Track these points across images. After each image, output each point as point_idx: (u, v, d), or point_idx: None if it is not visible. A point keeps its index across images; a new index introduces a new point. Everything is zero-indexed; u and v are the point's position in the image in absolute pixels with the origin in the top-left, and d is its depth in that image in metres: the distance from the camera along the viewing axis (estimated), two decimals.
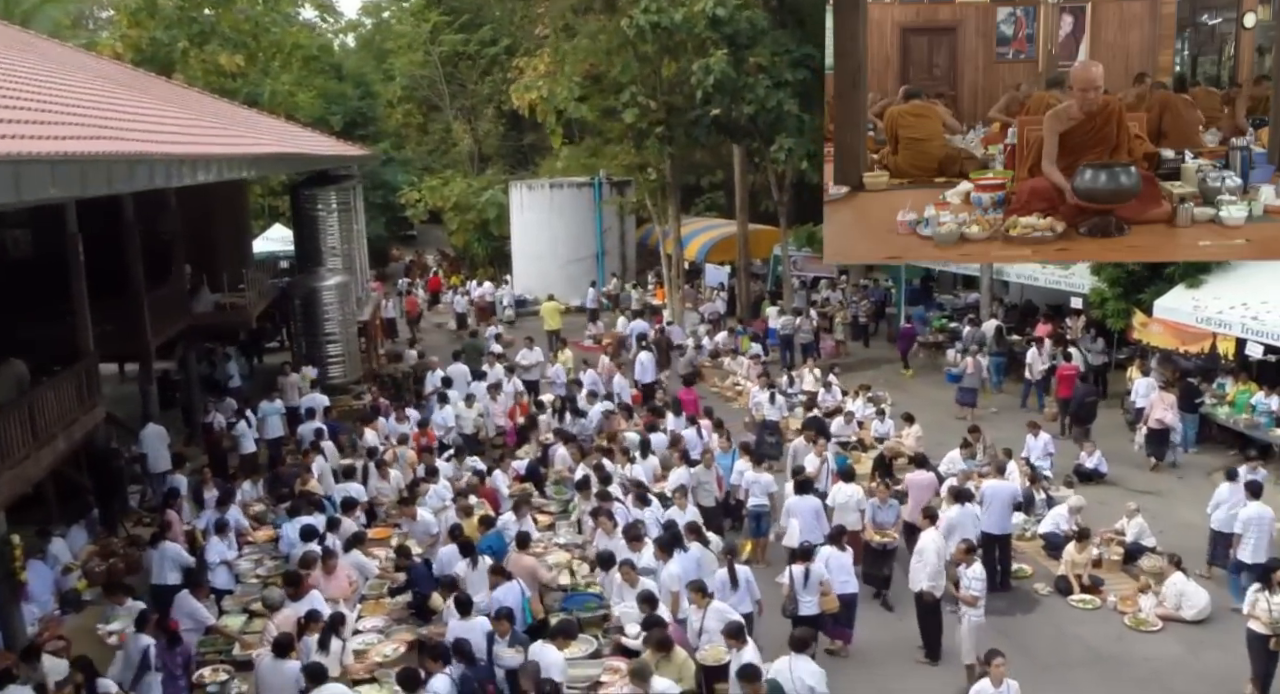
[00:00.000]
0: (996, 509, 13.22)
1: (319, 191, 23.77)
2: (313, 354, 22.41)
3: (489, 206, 35.73)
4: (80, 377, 14.49)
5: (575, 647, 10.14)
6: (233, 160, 14.73)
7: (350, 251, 24.50)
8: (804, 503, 12.97)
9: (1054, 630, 12.33)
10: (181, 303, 20.09)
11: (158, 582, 12.63)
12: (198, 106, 22.46)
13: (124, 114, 14.76)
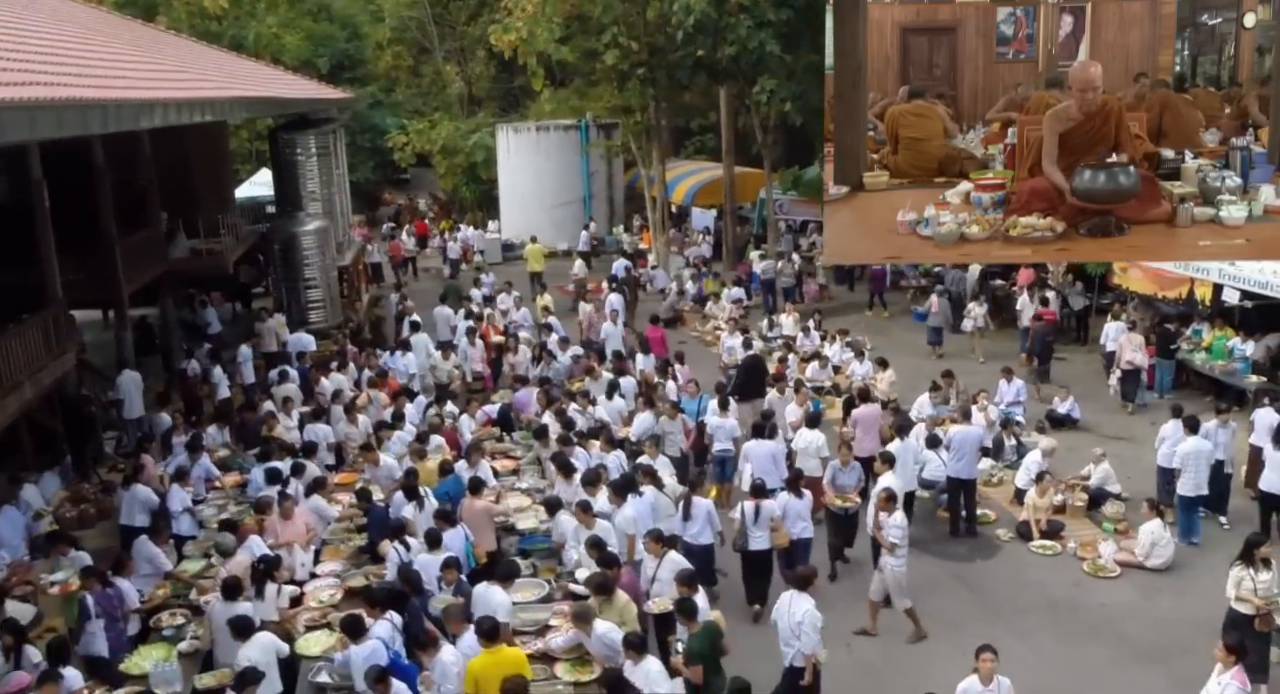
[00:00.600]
0: (964, 454, 13.24)
1: (298, 136, 23.52)
2: (292, 299, 22.35)
3: (477, 150, 35.40)
4: (48, 324, 14.49)
5: (528, 591, 10.29)
6: (184, 105, 14.50)
7: (331, 196, 24.30)
8: (760, 447, 13.06)
9: (1011, 576, 12.40)
10: (157, 249, 20.04)
11: (126, 522, 12.83)
12: (170, 51, 22.21)
13: (86, 60, 14.62)
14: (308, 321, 22.23)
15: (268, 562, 10.28)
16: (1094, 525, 13.54)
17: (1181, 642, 10.70)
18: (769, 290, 25.01)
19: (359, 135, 38.36)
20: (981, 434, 13.44)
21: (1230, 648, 8.22)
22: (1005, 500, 14.30)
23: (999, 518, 13.86)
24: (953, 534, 13.46)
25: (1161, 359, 18.18)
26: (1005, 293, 22.85)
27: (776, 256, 25.68)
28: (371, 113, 38.72)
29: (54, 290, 14.97)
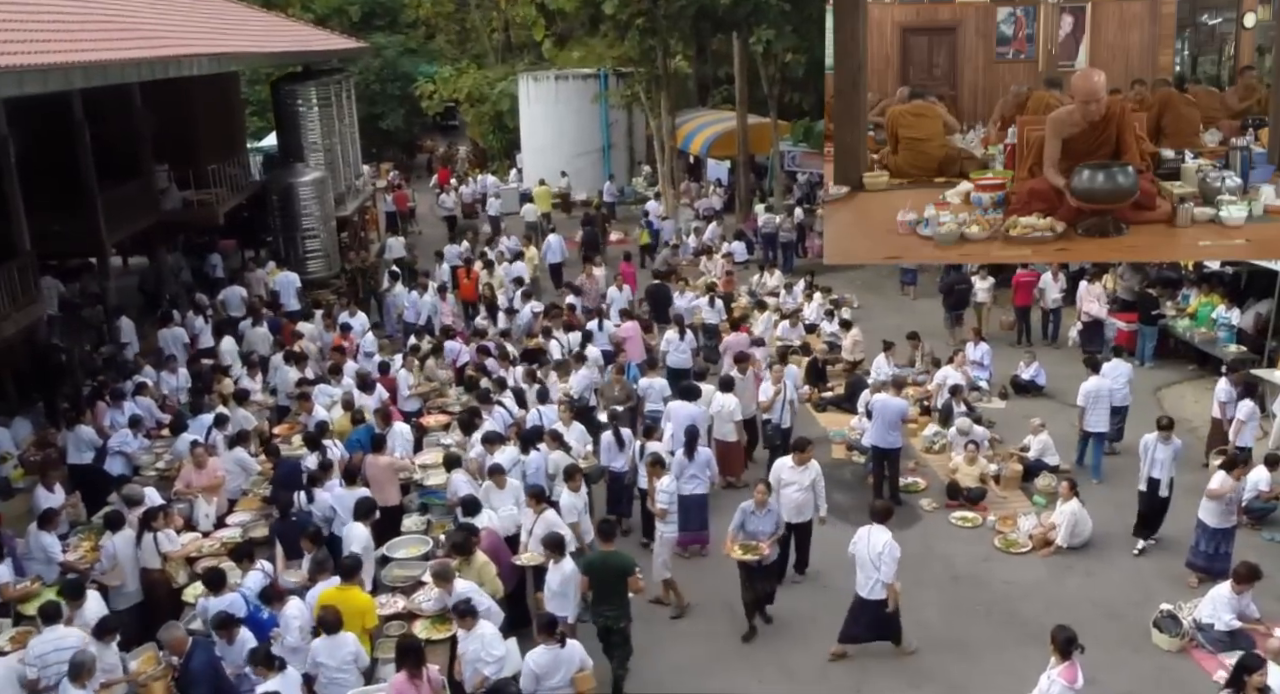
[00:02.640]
0: (883, 424, 13.04)
1: (298, 87, 23.76)
2: (290, 249, 22.73)
3: (502, 98, 35.34)
4: (12, 275, 14.94)
5: (411, 548, 10.54)
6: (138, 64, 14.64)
7: (333, 146, 24.55)
8: (684, 409, 13.00)
9: (922, 549, 12.19)
10: (150, 200, 20.47)
11: (74, 461, 13.40)
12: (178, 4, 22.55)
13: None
14: (306, 271, 22.61)
15: (151, 511, 10.63)
16: (1026, 497, 13.26)
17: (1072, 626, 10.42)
18: (770, 244, 24.70)
19: (389, 83, 38.51)
20: (903, 406, 13.15)
21: (1055, 639, 8.04)
22: (944, 469, 14.05)
23: (929, 486, 13.64)
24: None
25: (1144, 325, 17.60)
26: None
27: (783, 211, 25.30)
28: (402, 60, 38.77)
29: (22, 243, 15.40)
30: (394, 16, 40.24)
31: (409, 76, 38.68)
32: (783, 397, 13.50)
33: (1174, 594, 10.80)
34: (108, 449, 13.30)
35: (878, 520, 9.90)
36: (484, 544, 9.86)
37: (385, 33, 39.15)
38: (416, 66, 39.36)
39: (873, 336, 17.83)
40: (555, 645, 8.25)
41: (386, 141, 40.29)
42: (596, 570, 9.46)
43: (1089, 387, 13.60)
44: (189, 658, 8.35)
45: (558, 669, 8.26)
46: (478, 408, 12.92)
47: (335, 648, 8.37)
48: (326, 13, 37.79)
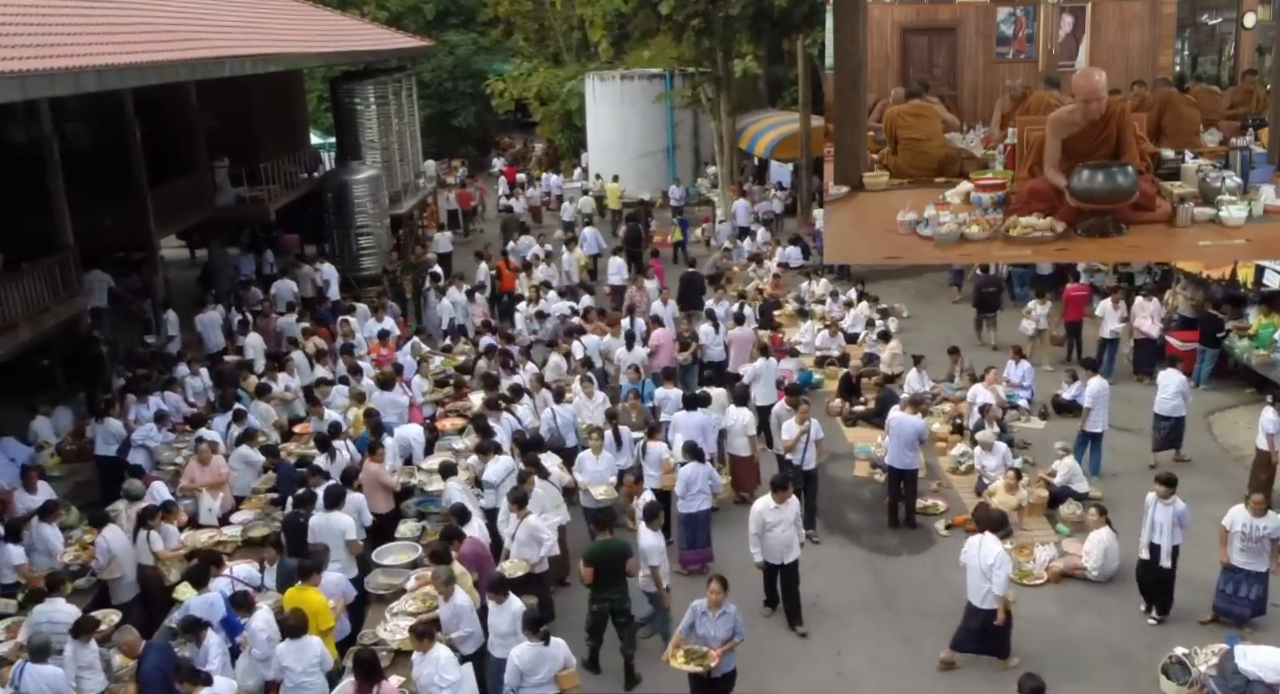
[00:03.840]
0: (900, 443, 12.58)
1: (356, 86, 24.05)
2: (344, 246, 23.03)
3: (571, 97, 35.32)
4: (54, 269, 15.31)
5: (400, 554, 10.53)
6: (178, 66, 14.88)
7: (390, 145, 24.77)
8: (690, 418, 12.94)
9: (930, 576, 11.75)
10: (203, 196, 20.86)
11: (100, 453, 13.78)
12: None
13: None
14: (359, 269, 22.92)
15: (149, 509, 10.82)
16: (1049, 525, 12.68)
17: (1077, 668, 10.00)
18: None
19: (461, 81, 38.82)
20: (920, 426, 12.65)
21: (1021, 688, 7.63)
22: (968, 490, 13.51)
23: (949, 509, 13.12)
24: (890, 525, 12.87)
25: (1205, 347, 16.71)
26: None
27: None
28: (475, 58, 39.01)
29: (65, 237, 15.77)
30: (469, 15, 40.52)
31: (481, 74, 38.92)
32: (808, 436, 12.50)
33: (1191, 638, 10.16)
34: (131, 442, 13.57)
35: (989, 529, 9.80)
36: (470, 552, 9.80)
37: (459, 31, 39.45)
38: (490, 64, 39.58)
39: (920, 348, 17.33)
40: (539, 643, 8.32)
41: (459, 139, 40.60)
42: (599, 558, 9.72)
43: (1094, 387, 13.56)
44: (141, 660, 8.41)
45: (541, 666, 8.34)
46: (485, 415, 12.83)
47: (300, 651, 8.38)
48: (401, 11, 38.22)
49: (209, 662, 8.56)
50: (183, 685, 7.91)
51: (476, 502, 11.20)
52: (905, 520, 12.84)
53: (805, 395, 16.48)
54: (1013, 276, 21.48)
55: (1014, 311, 20.64)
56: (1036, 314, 18.01)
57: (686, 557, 11.88)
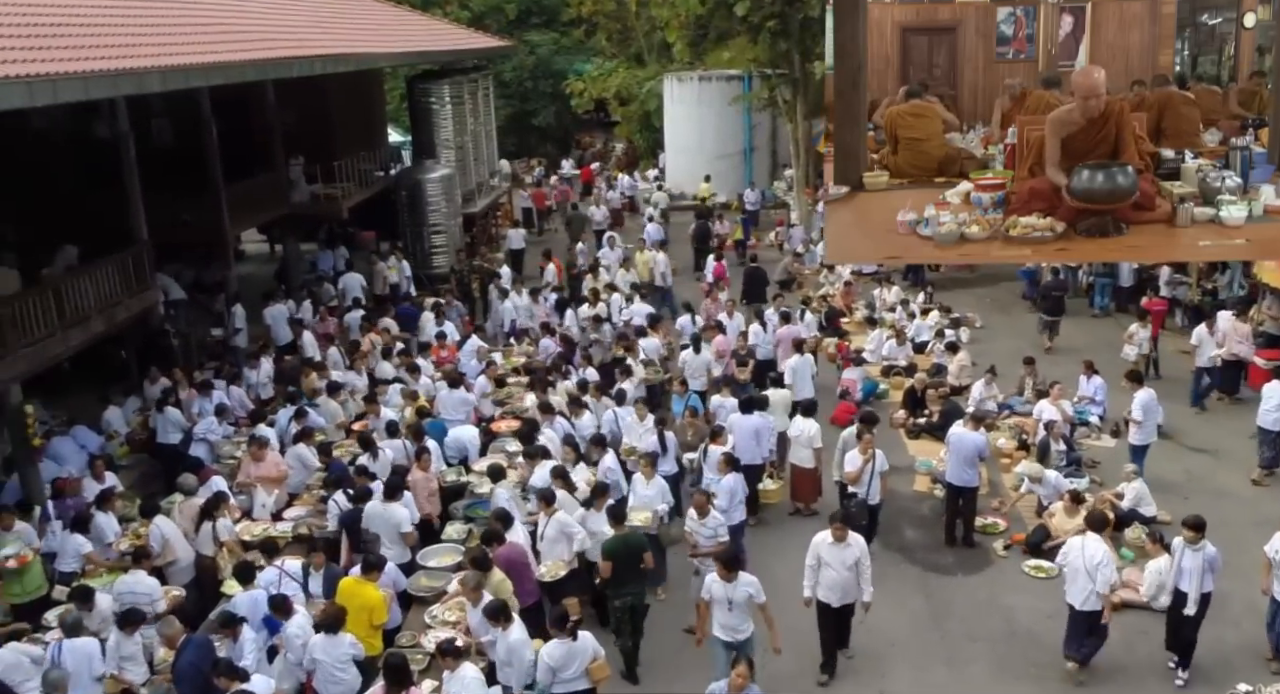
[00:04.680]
0: (959, 460, 12.25)
1: (432, 85, 24.27)
2: (416, 245, 23.26)
3: (650, 98, 35.19)
4: (127, 263, 15.67)
5: (444, 557, 10.57)
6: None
7: (465, 144, 24.95)
8: (745, 421, 12.85)
9: (985, 598, 11.39)
10: (279, 193, 21.21)
11: (162, 441, 14.20)
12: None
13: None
14: (431, 267, 23.16)
15: (213, 499, 11.11)
16: (1114, 550, 12.14)
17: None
18: None
19: (541, 81, 38.99)
20: (980, 443, 12.25)
21: None
22: (1030, 510, 13.08)
23: (1009, 528, 12.70)
24: (947, 543, 12.52)
25: None
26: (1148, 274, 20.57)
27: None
28: (556, 58, 39.12)
29: (139, 232, 16.15)
30: (552, 14, 40.62)
31: (561, 74, 39.01)
32: (872, 467, 11.88)
33: (1255, 674, 9.70)
34: (193, 435, 13.84)
35: (1094, 529, 9.85)
36: (505, 556, 9.76)
37: (541, 30, 39.61)
38: (570, 64, 39.63)
39: (991, 360, 16.92)
40: (568, 639, 8.42)
41: (538, 138, 40.79)
42: (618, 553, 9.85)
43: (1141, 399, 13.46)
44: (178, 655, 8.50)
45: (572, 661, 8.44)
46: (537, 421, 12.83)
47: (332, 646, 8.52)
48: (483, 10, 38.49)
49: (243, 658, 8.67)
50: (220, 680, 8.03)
51: (524, 506, 11.18)
52: (963, 539, 12.49)
53: (869, 403, 16.44)
54: (1094, 287, 20.81)
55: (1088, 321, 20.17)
56: (1139, 339, 17.05)
57: None
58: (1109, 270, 20.34)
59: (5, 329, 12.51)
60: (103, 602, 9.59)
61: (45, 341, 13.49)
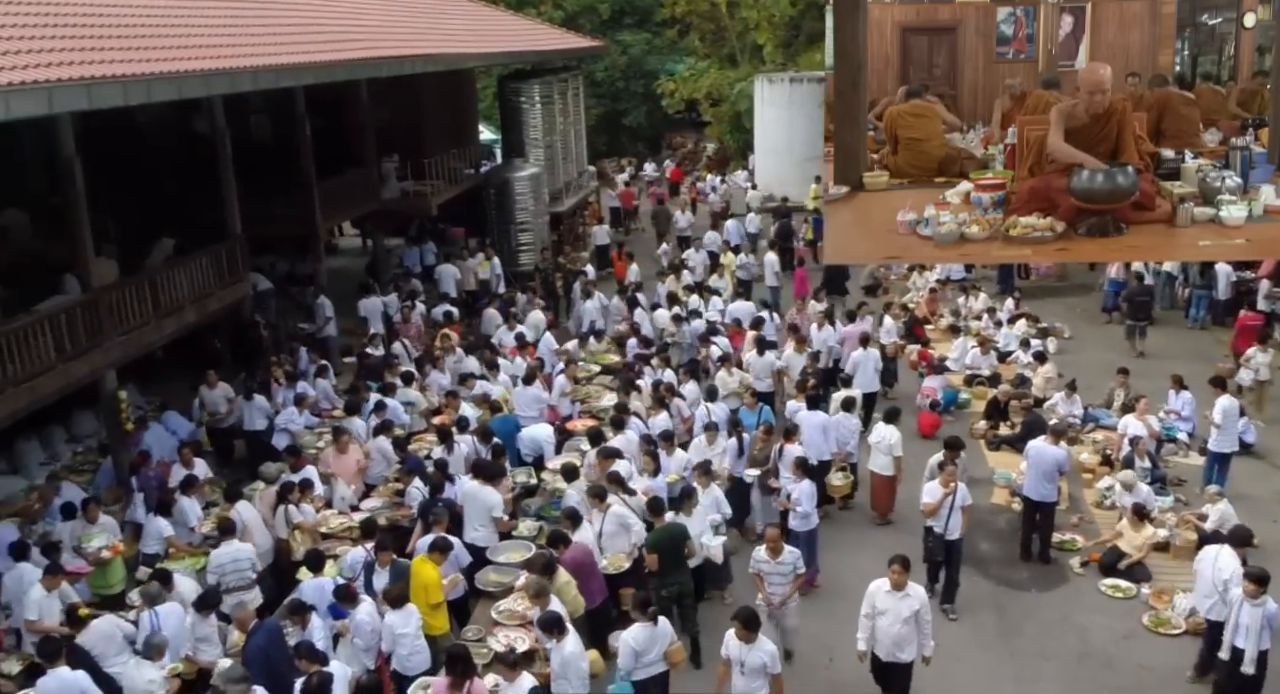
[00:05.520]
0: (1037, 474, 11.97)
1: (522, 85, 24.54)
2: (504, 242, 23.58)
3: (741, 99, 35.05)
4: (220, 255, 16.18)
5: (513, 553, 10.65)
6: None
7: (554, 143, 25.18)
8: (812, 418, 12.93)
9: (1058, 616, 11.10)
10: (370, 189, 21.67)
11: (248, 428, 14.67)
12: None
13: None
14: (517, 264, 23.45)
15: (288, 485, 11.49)
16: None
17: None
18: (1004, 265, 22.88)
19: (633, 80, 39.14)
20: (1060, 457, 11.95)
21: None
22: (1111, 527, 12.70)
23: (1089, 545, 12.35)
24: (1022, 558, 12.23)
25: None
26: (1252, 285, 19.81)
27: None
28: (648, 58, 39.21)
29: (233, 226, 16.65)
30: (645, 15, 40.72)
31: (653, 74, 39.13)
32: (953, 500, 10.95)
33: None
34: (275, 425, 14.24)
35: (1235, 544, 9.82)
36: (572, 558, 9.84)
37: (633, 31, 39.77)
38: (662, 64, 39.69)
39: (1078, 371, 16.51)
40: (650, 623, 8.58)
41: (629, 137, 40.97)
42: (661, 544, 9.98)
43: (1222, 405, 13.17)
44: (249, 638, 8.75)
45: (654, 645, 8.61)
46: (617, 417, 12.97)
47: (407, 617, 8.91)
48: (577, 10, 38.80)
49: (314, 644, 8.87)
50: (301, 663, 8.23)
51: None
52: (1038, 554, 12.19)
53: (950, 412, 16.17)
54: (1191, 299, 20.15)
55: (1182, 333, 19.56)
56: (1256, 363, 16.19)
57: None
58: (1206, 283, 19.68)
59: (103, 318, 13.01)
60: (182, 584, 9.94)
61: (140, 330, 14.02)
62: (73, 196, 12.51)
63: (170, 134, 19.88)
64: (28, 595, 9.55)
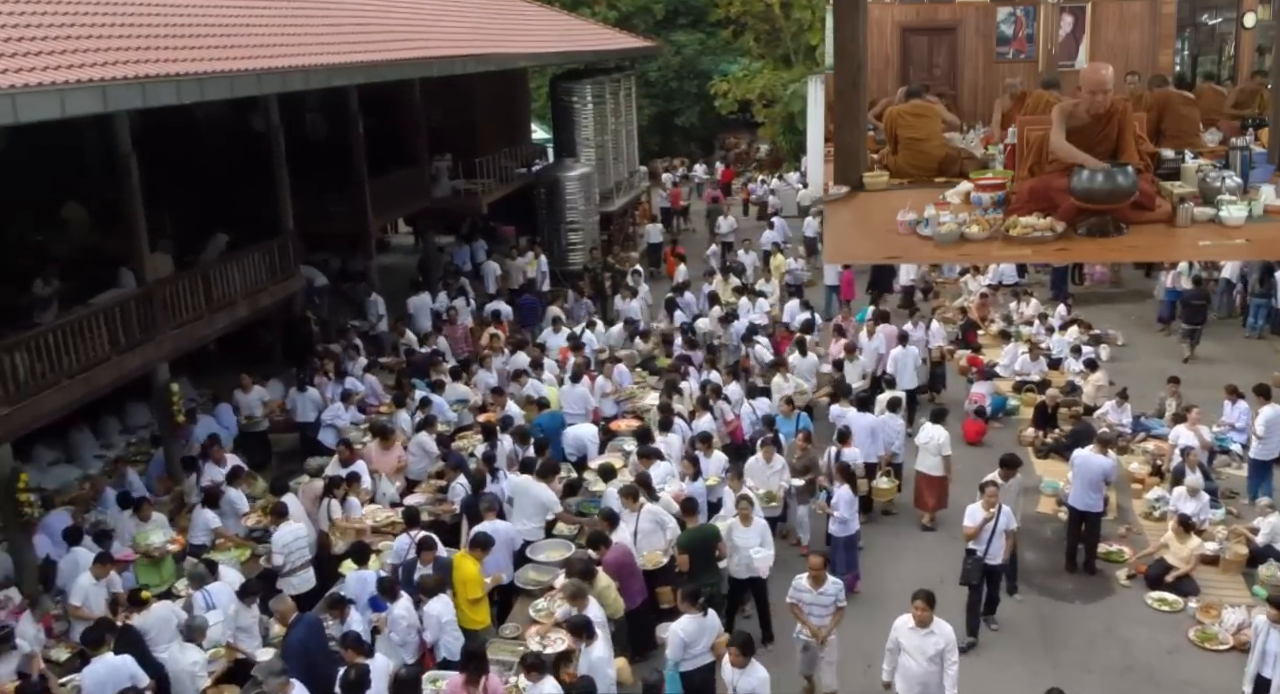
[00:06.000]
0: (1083, 483, 11.78)
1: (574, 85, 24.63)
2: (554, 241, 23.70)
3: (794, 100, 34.84)
4: (272, 251, 16.42)
5: (553, 552, 10.69)
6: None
7: (605, 143, 25.24)
8: (862, 419, 12.96)
9: (1102, 628, 10.92)
10: (421, 188, 21.87)
11: (301, 420, 14.88)
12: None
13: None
14: (566, 263, 23.57)
15: (334, 479, 11.63)
16: (1245, 587, 11.53)
17: None
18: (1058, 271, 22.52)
19: (686, 81, 39.09)
20: (1107, 466, 11.75)
21: None
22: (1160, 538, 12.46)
23: (1135, 557, 12.14)
24: (1067, 568, 12.05)
25: None
26: None
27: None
28: (701, 58, 39.13)
29: (285, 222, 16.89)
30: (699, 15, 40.62)
31: (707, 74, 39.05)
32: (994, 524, 10.48)
33: None
34: (321, 420, 14.42)
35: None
36: (612, 559, 9.87)
37: (688, 31, 39.72)
38: (716, 65, 39.59)
39: (1130, 379, 16.22)
40: (699, 615, 8.71)
41: (682, 137, 40.94)
42: (694, 545, 10.00)
43: (1266, 414, 13.01)
44: (289, 631, 8.87)
45: (702, 636, 8.72)
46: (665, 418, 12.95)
47: (446, 605, 9.11)
48: (631, 10, 38.85)
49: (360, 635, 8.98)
50: (347, 653, 8.38)
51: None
52: (1084, 565, 12.01)
53: (998, 419, 15.97)
54: (1250, 307, 19.72)
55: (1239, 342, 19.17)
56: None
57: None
58: (1266, 291, 19.25)
59: (156, 311, 13.27)
60: (227, 575, 10.10)
61: (193, 324, 14.28)
62: (128, 192, 12.75)
63: (228, 131, 20.20)
64: (76, 581, 9.75)
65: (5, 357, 10.79)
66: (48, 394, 11.36)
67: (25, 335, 11.35)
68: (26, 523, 11.06)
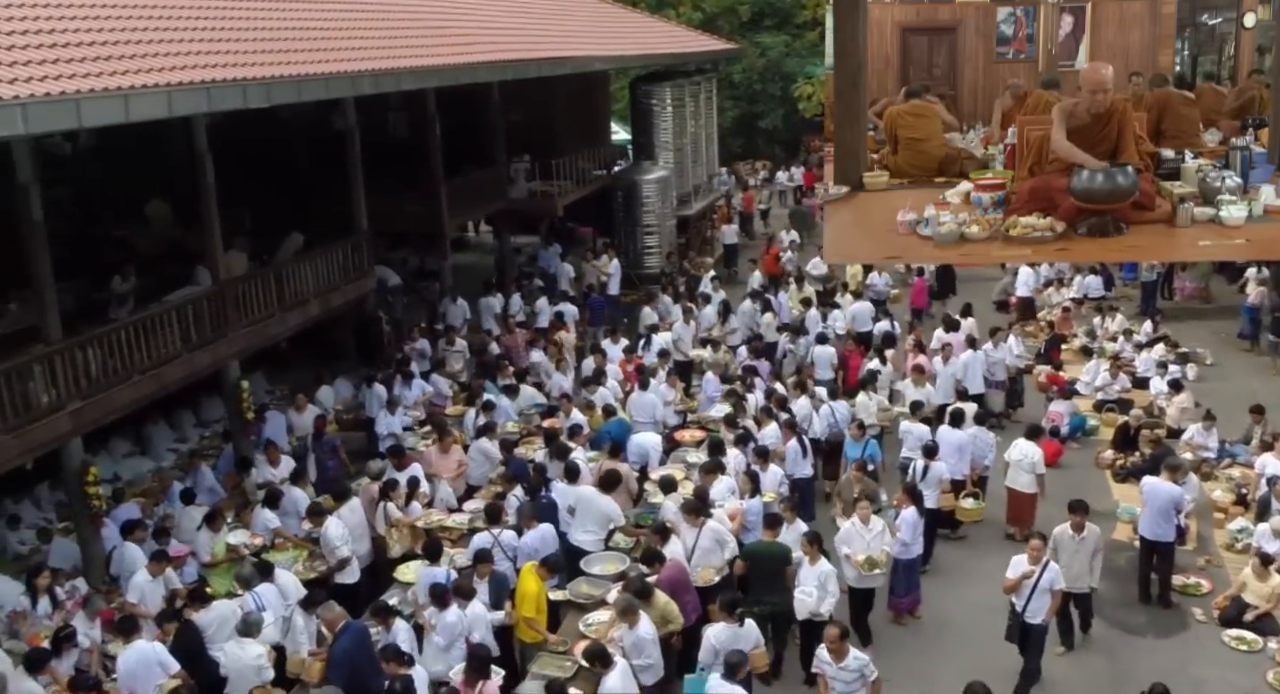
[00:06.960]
0: (1154, 512, 11.30)
1: (654, 87, 24.53)
2: (630, 244, 23.66)
3: None
4: (345, 251, 16.59)
5: (608, 565, 10.56)
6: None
7: (684, 146, 25.09)
8: (951, 436, 12.90)
9: (1174, 665, 10.41)
10: (498, 188, 21.96)
11: (370, 415, 15.00)
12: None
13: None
14: (642, 267, 23.51)
15: (390, 483, 11.71)
16: None
17: None
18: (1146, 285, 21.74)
19: (770, 83, 38.72)
20: (1177, 494, 11.24)
21: None
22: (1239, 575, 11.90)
23: (1213, 591, 11.60)
24: (1141, 600, 11.57)
25: None
26: None
27: None
28: (786, 61, 38.70)
29: (359, 222, 17.06)
30: (785, 17, 40.17)
31: (791, 76, 38.58)
32: (1035, 580, 9.65)
33: None
34: (376, 433, 14.46)
35: None
36: (666, 577, 9.73)
37: (773, 33, 39.32)
38: (801, 67, 39.07)
39: (1217, 402, 15.54)
40: (734, 624, 8.76)
41: (766, 140, 40.57)
42: (757, 557, 10.00)
43: None
44: (335, 639, 8.88)
45: (735, 644, 8.64)
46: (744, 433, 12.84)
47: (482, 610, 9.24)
48: (716, 12, 38.58)
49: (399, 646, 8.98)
50: (388, 665, 8.38)
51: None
52: (1158, 598, 11.52)
53: (1076, 440, 15.43)
54: None
55: None
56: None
57: (899, 603, 11.28)
58: None
59: (229, 309, 13.49)
60: (282, 577, 10.16)
61: (264, 322, 14.48)
62: (204, 191, 12.97)
63: (310, 130, 20.50)
64: (133, 578, 9.92)
65: (79, 352, 11.07)
66: (119, 389, 11.62)
67: (99, 331, 11.64)
68: (95, 515, 11.31)
